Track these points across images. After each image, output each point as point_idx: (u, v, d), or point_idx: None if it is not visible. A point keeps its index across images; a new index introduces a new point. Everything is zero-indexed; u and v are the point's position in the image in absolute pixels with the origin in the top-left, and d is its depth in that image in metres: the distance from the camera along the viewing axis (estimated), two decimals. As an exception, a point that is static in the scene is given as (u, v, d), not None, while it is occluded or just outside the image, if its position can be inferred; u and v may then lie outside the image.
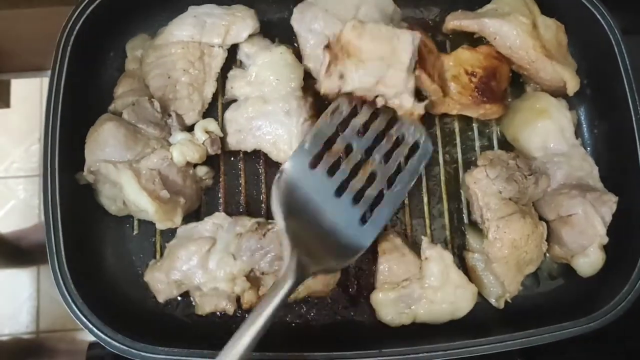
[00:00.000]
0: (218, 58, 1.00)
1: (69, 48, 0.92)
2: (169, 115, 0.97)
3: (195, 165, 0.96)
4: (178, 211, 0.91)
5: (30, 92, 2.02)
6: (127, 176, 0.88)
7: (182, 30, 0.99)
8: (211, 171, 0.99)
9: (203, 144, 0.95)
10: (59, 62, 0.92)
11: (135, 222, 0.98)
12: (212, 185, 1.00)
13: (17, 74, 1.61)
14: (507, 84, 1.04)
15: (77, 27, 0.93)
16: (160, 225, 0.90)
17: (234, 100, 1.00)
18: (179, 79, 0.98)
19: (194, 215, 0.98)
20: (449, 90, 1.00)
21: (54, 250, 0.87)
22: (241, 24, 0.99)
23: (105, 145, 0.90)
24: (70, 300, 0.86)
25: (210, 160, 0.98)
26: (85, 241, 0.94)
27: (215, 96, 1.01)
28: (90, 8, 0.93)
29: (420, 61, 0.95)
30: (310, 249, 0.81)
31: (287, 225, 0.81)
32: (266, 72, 0.98)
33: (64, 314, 0.86)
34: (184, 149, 0.93)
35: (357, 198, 0.88)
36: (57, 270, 0.86)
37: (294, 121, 0.95)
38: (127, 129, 0.91)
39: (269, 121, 0.96)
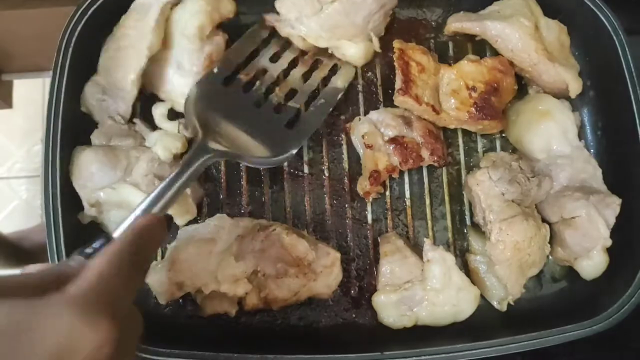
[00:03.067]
0: (151, 10, 0.93)
1: (70, 49, 0.92)
2: (134, 123, 0.97)
3: (181, 156, 0.96)
4: (189, 202, 0.93)
5: (33, 93, 2.02)
6: (128, 189, 0.89)
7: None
8: None
9: (178, 131, 0.96)
10: (61, 63, 0.92)
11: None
12: (214, 187, 1.00)
13: (20, 75, 1.61)
14: (511, 98, 1.03)
15: (78, 28, 0.92)
16: (181, 220, 0.92)
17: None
18: (118, 46, 0.94)
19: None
20: (443, 106, 0.99)
21: (55, 252, 0.86)
22: None
23: (91, 175, 0.90)
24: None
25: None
26: (87, 243, 0.93)
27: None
28: (92, 9, 0.93)
29: (406, 83, 0.96)
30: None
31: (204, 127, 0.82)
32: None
33: None
34: (165, 144, 0.93)
35: (277, 109, 0.90)
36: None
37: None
38: (104, 150, 0.92)
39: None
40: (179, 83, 0.95)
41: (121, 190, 0.90)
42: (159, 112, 0.97)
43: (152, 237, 0.66)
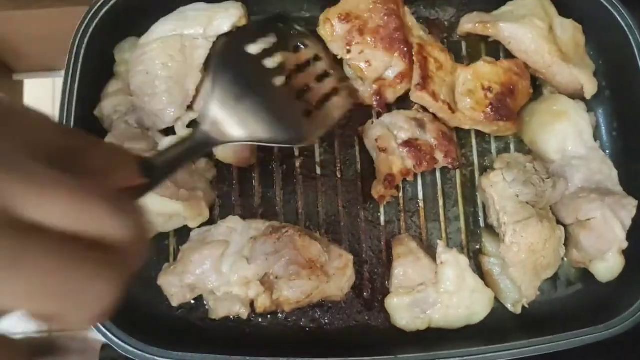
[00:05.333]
0: (200, 49, 0.95)
1: (82, 49, 0.92)
2: (147, 129, 0.96)
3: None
4: (202, 204, 0.92)
5: (42, 93, 2.02)
6: None
7: (164, 25, 0.96)
8: (210, 161, 0.99)
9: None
10: (73, 63, 0.91)
11: (149, 225, 0.98)
12: (226, 189, 0.99)
13: (30, 75, 1.62)
14: (526, 101, 1.02)
15: (91, 28, 0.92)
16: (193, 223, 0.92)
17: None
18: (158, 74, 0.93)
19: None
20: (459, 106, 0.98)
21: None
22: (224, 13, 0.96)
23: None
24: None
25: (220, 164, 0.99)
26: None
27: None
28: (105, 9, 0.93)
29: (425, 79, 0.94)
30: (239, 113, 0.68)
31: (216, 84, 0.69)
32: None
33: None
34: None
35: (299, 95, 0.79)
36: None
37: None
38: None
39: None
40: None
41: None
42: (182, 121, 0.97)
43: None
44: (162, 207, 0.88)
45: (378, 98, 0.96)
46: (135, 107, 0.95)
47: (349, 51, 0.97)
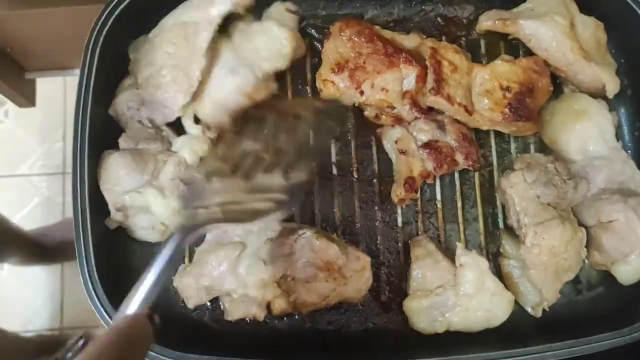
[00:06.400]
0: (204, 33, 0.92)
1: (98, 47, 0.91)
2: (162, 130, 0.96)
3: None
4: None
5: (54, 91, 2.03)
6: (153, 194, 0.89)
7: (170, 17, 0.96)
8: None
9: (203, 134, 0.95)
10: (89, 62, 0.91)
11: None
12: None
13: (43, 73, 1.62)
14: (546, 99, 0.99)
15: (106, 27, 0.91)
16: None
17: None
18: (163, 64, 0.92)
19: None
20: (476, 107, 0.96)
21: (83, 254, 0.86)
22: None
23: (119, 179, 0.89)
24: (99, 304, 0.85)
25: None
26: (114, 244, 0.93)
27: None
28: (121, 7, 0.92)
29: (438, 83, 0.93)
30: None
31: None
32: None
33: (88, 310, 0.85)
34: (192, 147, 0.93)
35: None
36: (87, 274, 0.85)
37: None
38: (132, 154, 0.91)
39: None
40: (229, 83, 0.94)
41: (146, 194, 0.89)
42: (189, 117, 0.96)
43: (135, 339, 0.62)
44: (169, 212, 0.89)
45: (417, 108, 0.95)
46: (144, 100, 0.94)
47: (362, 93, 0.95)
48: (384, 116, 0.98)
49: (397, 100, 0.95)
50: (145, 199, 0.90)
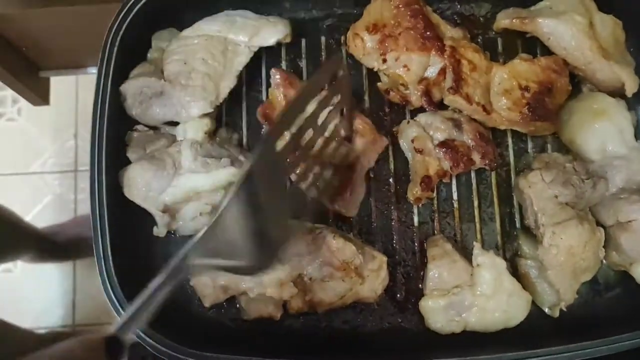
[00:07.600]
0: (242, 56, 0.97)
1: (115, 46, 0.92)
2: (159, 128, 0.98)
3: (214, 132, 0.98)
4: None
5: (66, 89, 2.04)
6: (187, 177, 0.90)
7: (211, 25, 0.97)
8: (229, 127, 1.01)
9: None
10: (106, 61, 0.91)
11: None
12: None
13: (57, 72, 1.62)
14: (565, 99, 0.99)
15: (124, 26, 0.92)
16: None
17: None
18: (196, 67, 0.94)
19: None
20: (495, 106, 0.95)
21: (101, 253, 0.86)
22: (271, 28, 0.98)
23: (148, 184, 0.90)
24: (116, 303, 0.85)
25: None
26: (132, 243, 0.93)
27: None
28: (138, 6, 0.92)
29: (457, 82, 0.92)
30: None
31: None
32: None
33: (100, 307, 0.86)
34: (194, 126, 0.95)
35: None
36: (104, 273, 0.86)
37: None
38: (147, 159, 0.92)
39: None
40: None
41: (181, 183, 0.90)
42: (193, 127, 0.97)
43: None
44: (213, 179, 0.90)
45: (427, 98, 0.94)
46: (164, 92, 0.95)
47: (384, 61, 0.95)
48: (393, 92, 0.97)
49: (413, 82, 0.95)
50: (182, 188, 0.91)
